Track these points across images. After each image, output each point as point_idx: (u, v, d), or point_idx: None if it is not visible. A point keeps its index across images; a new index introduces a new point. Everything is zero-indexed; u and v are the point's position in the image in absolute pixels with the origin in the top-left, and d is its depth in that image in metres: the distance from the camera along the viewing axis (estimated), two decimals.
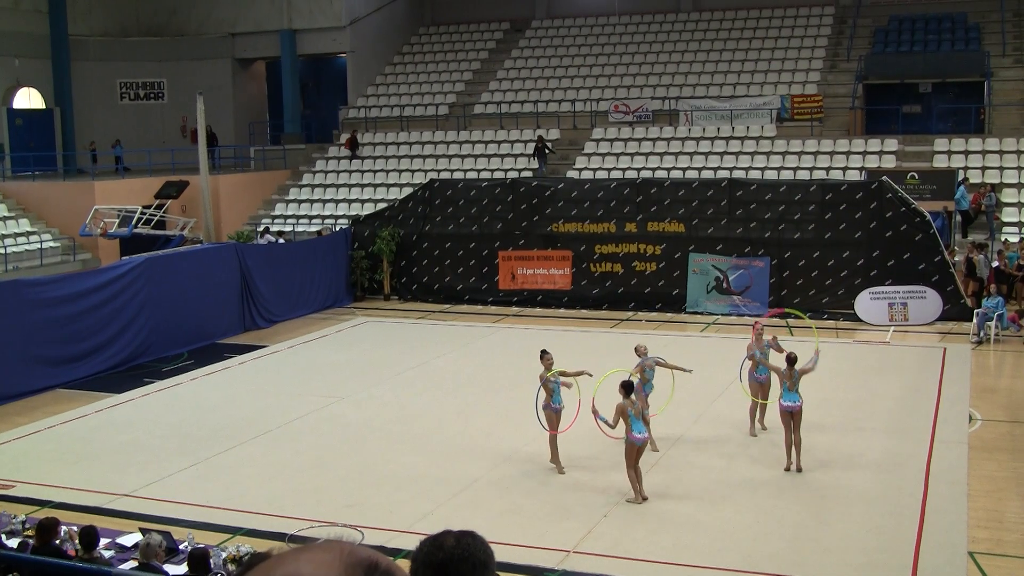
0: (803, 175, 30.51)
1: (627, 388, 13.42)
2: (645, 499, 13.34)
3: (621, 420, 13.24)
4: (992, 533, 12.03)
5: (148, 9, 43.31)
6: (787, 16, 39.67)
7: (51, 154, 39.37)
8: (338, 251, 28.76)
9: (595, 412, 13.37)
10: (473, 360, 21.78)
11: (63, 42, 39.54)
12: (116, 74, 42.29)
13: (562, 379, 14.61)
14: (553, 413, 14.45)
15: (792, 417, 14.31)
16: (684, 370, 15.45)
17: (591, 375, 14.67)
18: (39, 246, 31.10)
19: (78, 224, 30.93)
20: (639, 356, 15.39)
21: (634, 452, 13.31)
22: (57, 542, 10.45)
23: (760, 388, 15.87)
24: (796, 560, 11.35)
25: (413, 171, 35.83)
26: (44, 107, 40.12)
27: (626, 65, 39.19)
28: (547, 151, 33.77)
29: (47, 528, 10.35)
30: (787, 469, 14.30)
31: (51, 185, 35.15)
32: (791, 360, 14.52)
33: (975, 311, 23.08)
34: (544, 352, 14.81)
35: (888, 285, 24.65)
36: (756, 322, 16.84)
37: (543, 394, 14.56)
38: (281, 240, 30.58)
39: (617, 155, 34.17)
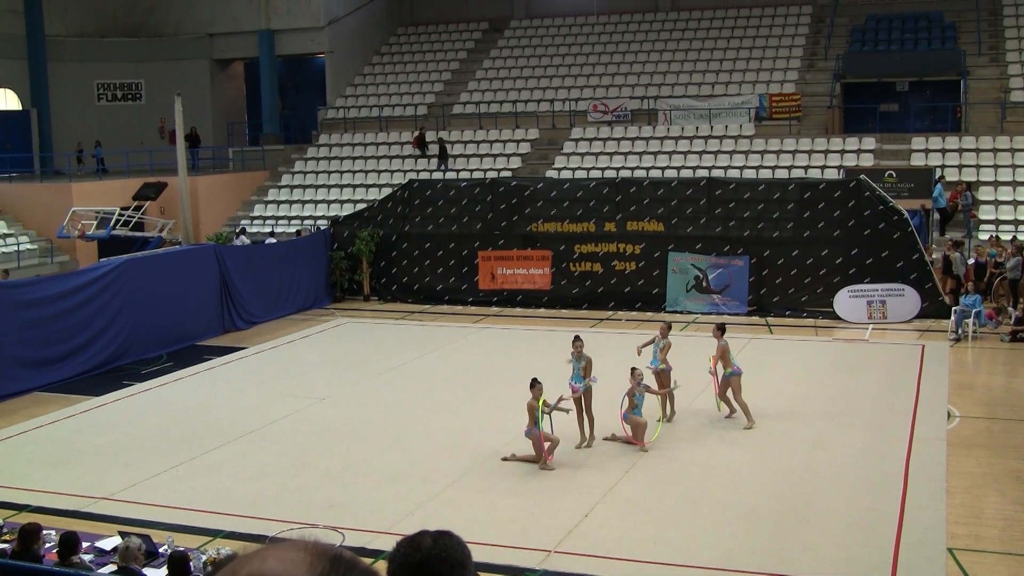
0: (781, 174, 30.61)
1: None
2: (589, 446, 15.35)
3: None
4: (971, 529, 12.10)
5: (125, 9, 43.10)
6: (765, 15, 39.83)
7: (28, 155, 39.13)
8: (317, 252, 28.67)
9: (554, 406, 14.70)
10: (453, 360, 21.77)
11: (39, 42, 39.31)
12: (93, 75, 42.08)
13: (554, 408, 14.80)
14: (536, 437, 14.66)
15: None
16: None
17: (568, 411, 15.13)
18: (16, 248, 30.90)
19: (56, 226, 30.75)
20: (633, 380, 15.43)
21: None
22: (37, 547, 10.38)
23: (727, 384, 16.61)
24: (776, 557, 11.39)
25: (392, 171, 35.79)
26: (20, 108, 39.88)
27: (605, 65, 39.24)
28: (445, 154, 35.06)
29: (30, 533, 10.27)
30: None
31: (28, 187, 34.94)
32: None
33: (953, 308, 23.22)
34: (535, 381, 14.67)
35: (866, 283, 24.75)
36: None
37: (527, 420, 14.58)
38: (272, 240, 30.53)
39: (596, 155, 34.21)
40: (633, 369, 15.47)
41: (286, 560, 1.64)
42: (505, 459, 14.92)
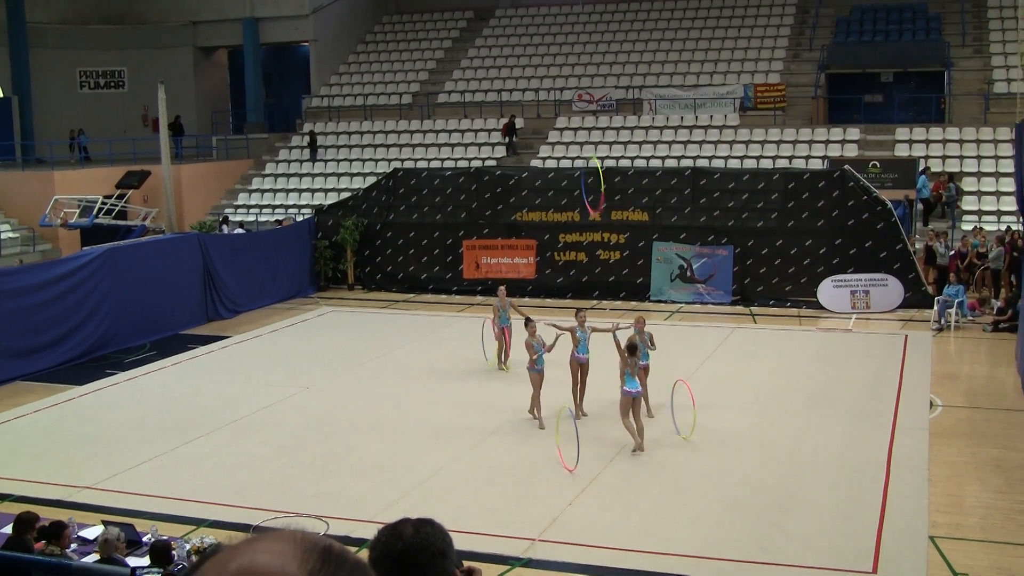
0: (766, 164, 30.70)
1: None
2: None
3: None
4: (952, 517, 12.17)
5: None
6: (750, 5, 39.85)
7: (9, 143, 38.89)
8: (302, 241, 28.60)
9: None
10: (437, 349, 21.76)
11: (21, 29, 38.99)
12: (76, 62, 41.84)
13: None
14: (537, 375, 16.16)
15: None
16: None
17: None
18: None
19: (38, 214, 30.60)
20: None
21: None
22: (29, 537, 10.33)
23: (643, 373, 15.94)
24: (759, 546, 11.43)
25: (377, 160, 35.73)
26: (1, 95, 39.61)
27: (590, 54, 39.22)
28: (316, 146, 36.40)
29: (25, 522, 10.22)
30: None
31: (10, 175, 34.71)
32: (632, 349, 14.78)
33: (936, 298, 23.32)
34: (528, 320, 17.02)
35: (850, 273, 24.84)
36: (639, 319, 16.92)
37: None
38: (239, 230, 30.37)
39: (581, 144, 34.21)
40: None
41: (277, 553, 1.60)
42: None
